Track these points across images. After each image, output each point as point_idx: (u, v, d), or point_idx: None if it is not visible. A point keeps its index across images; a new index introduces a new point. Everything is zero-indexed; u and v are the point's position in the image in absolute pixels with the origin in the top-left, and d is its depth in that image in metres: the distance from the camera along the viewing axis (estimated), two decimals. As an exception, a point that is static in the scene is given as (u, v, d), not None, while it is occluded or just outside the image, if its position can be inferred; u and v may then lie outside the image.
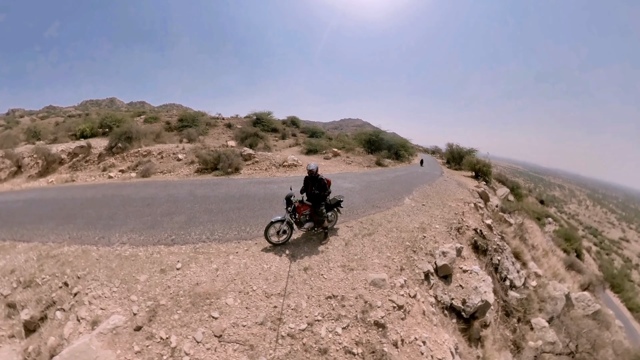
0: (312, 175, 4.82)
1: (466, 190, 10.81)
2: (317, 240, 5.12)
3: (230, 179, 10.21)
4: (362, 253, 4.77)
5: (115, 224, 5.74)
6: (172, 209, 6.60)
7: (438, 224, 6.44)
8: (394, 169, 16.81)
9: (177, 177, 10.49)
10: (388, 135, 22.99)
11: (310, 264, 4.36)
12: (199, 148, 13.38)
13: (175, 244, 4.87)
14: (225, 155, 11.42)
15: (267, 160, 12.65)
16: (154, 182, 9.65)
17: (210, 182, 9.54)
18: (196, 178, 10.38)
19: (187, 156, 12.48)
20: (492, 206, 10.94)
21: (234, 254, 4.58)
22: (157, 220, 5.91)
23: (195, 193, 8.06)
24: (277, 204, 7.11)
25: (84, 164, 12.92)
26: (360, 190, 9.10)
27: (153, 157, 12.46)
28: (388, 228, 5.85)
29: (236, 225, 5.67)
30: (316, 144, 19.29)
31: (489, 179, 17.31)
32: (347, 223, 6.02)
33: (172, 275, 3.97)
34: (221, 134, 23.85)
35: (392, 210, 7.16)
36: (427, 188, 10.46)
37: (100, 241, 4.99)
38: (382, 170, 15.47)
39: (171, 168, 11.48)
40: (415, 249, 5.15)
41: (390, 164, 18.44)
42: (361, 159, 17.46)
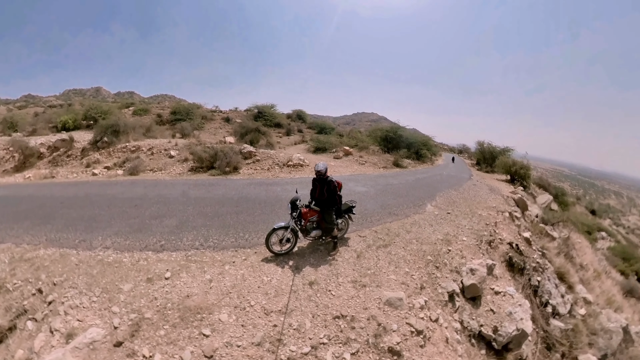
0: (320, 177, 4.81)
1: (500, 197, 10.60)
2: (325, 251, 5.10)
3: (228, 179, 10.31)
4: (376, 267, 4.73)
5: (98, 226, 5.86)
6: (163, 211, 6.70)
7: (466, 235, 6.34)
8: (414, 170, 16.68)
9: (169, 176, 10.69)
10: (407, 132, 22.85)
11: (317, 277, 4.34)
12: (193, 144, 13.63)
13: (165, 250, 4.94)
14: (222, 153, 11.57)
15: (269, 159, 12.74)
16: (143, 180, 9.86)
17: (205, 182, 9.67)
18: (190, 177, 10.55)
19: (180, 153, 12.72)
20: (531, 216, 10.64)
21: (230, 263, 4.60)
22: (145, 223, 6.01)
23: (188, 194, 8.18)
24: (280, 208, 7.12)
25: (65, 159, 13.35)
26: (375, 194, 9.07)
27: (142, 153, 12.76)
28: (407, 239, 5.79)
29: (233, 232, 5.70)
30: (325, 141, 19.33)
31: (527, 184, 16.78)
32: (359, 232, 5.98)
33: (159, 286, 4.01)
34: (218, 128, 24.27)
35: (412, 218, 7.10)
36: (453, 193, 10.34)
37: (80, 245, 5.11)
38: (401, 172, 15.36)
39: (162, 166, 11.72)
40: (438, 264, 5.07)
41: (410, 164, 18.30)
42: (376, 158, 17.36)
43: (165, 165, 11.81)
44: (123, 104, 29.49)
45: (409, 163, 18.35)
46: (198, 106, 27.49)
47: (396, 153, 18.84)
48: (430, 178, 14.01)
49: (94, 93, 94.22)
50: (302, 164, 12.52)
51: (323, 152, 18.28)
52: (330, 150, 18.50)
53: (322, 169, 4.76)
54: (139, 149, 13.14)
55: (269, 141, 17.77)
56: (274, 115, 27.23)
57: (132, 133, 14.93)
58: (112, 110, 20.42)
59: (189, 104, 27.56)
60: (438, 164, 23.09)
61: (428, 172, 16.44)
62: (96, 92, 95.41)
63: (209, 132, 22.38)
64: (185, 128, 18.50)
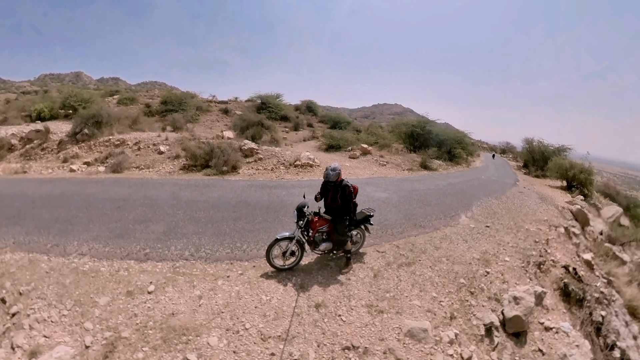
0: (332, 180, 4.78)
1: (553, 208, 10.32)
2: (336, 268, 5.07)
3: (225, 180, 10.45)
4: (396, 290, 4.67)
5: (74, 229, 6.03)
6: (149, 215, 6.84)
7: (508, 255, 6.19)
8: (445, 173, 16.46)
9: (158, 175, 10.95)
10: (438, 127, 22.64)
11: (325, 299, 4.31)
12: (186, 139, 13.93)
13: (149, 259, 5.03)
14: (219, 150, 11.76)
15: (273, 157, 12.84)
16: (128, 179, 10.14)
17: (199, 183, 9.84)
18: (181, 177, 10.77)
19: (171, 148, 13.02)
20: (593, 233, 10.23)
21: (224, 278, 4.63)
22: (128, 227, 6.15)
23: (179, 196, 8.34)
24: (284, 215, 7.14)
25: (39, 152, 13.90)
26: (398, 202, 9.02)
27: (128, 148, 13.14)
28: (435, 257, 5.71)
29: (229, 241, 5.75)
30: (339, 137, 19.34)
31: (588, 192, 16.11)
32: (378, 247, 5.93)
33: (141, 300, 4.07)
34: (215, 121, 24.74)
35: (442, 232, 7.00)
36: (493, 202, 10.20)
37: (53, 250, 5.25)
38: (429, 175, 15.20)
39: (150, 163, 12.02)
40: (473, 289, 4.95)
41: (441, 166, 18.10)
42: (400, 159, 17.21)
43: (153, 162, 12.11)
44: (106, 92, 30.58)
45: (439, 165, 18.13)
46: (192, 95, 28.16)
47: (424, 152, 18.70)
48: (466, 183, 13.80)
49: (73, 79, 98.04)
50: (311, 164, 12.54)
51: (337, 151, 18.27)
52: (346, 148, 18.48)
53: (336, 170, 4.73)
54: (123, 143, 13.54)
55: (274, 137, 17.92)
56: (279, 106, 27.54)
57: (117, 125, 15.42)
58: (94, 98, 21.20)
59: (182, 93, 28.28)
60: (475, 166, 22.66)
61: (463, 176, 16.17)
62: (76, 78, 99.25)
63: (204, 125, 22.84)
64: (177, 120, 18.94)
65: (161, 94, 28.91)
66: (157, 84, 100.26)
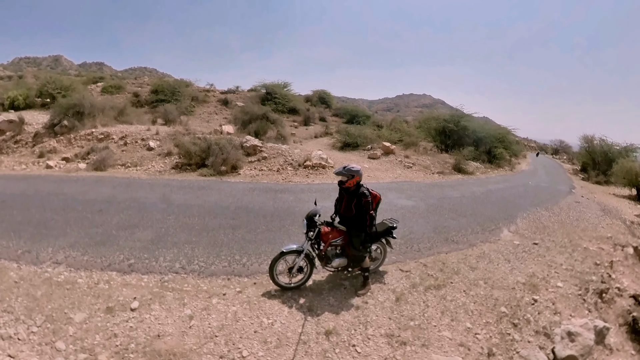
0: (348, 186, 4.76)
1: (619, 222, 10.12)
2: (351, 289, 5.04)
3: (224, 182, 10.57)
4: (422, 317, 4.60)
5: (49, 234, 6.17)
6: (135, 220, 6.97)
7: (561, 280, 6.05)
8: (484, 178, 16.28)
9: (146, 174, 11.16)
10: (476, 123, 22.40)
11: (337, 325, 4.28)
12: (179, 133, 14.19)
13: (134, 271, 5.10)
14: (218, 146, 11.92)
15: (280, 156, 12.92)
16: (112, 178, 10.37)
17: (193, 185, 9.99)
18: (173, 177, 10.95)
19: (162, 144, 13.28)
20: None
21: (219, 296, 4.66)
22: (110, 234, 6.27)
23: (170, 199, 8.48)
24: (291, 224, 7.16)
25: (12, 145, 14.34)
26: (426, 211, 8.98)
27: (112, 143, 13.48)
28: (470, 279, 5.64)
29: (227, 253, 5.80)
30: (357, 134, 19.34)
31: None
32: (401, 264, 5.89)
33: (122, 319, 4.11)
34: (213, 114, 25.12)
35: (479, 249, 6.93)
36: (543, 214, 10.07)
37: (23, 257, 5.36)
38: (464, 179, 15.06)
39: (138, 160, 12.27)
40: (516, 320, 4.83)
41: (479, 169, 17.92)
42: (429, 160, 17.06)
43: (142, 159, 12.36)
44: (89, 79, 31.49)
45: (476, 167, 17.94)
46: (187, 84, 28.74)
47: (458, 152, 18.53)
48: (509, 190, 13.65)
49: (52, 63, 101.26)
50: (324, 164, 12.55)
51: (354, 149, 18.26)
52: (364, 146, 18.44)
53: (343, 172, 4.72)
54: (108, 137, 13.88)
55: (281, 133, 18.05)
56: (287, 97, 27.77)
57: (101, 116, 15.81)
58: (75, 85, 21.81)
59: (175, 81, 28.90)
60: (521, 170, 22.30)
61: (505, 181, 15.97)
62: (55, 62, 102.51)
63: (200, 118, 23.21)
64: (169, 112, 19.35)
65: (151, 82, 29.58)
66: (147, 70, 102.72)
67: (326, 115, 29.77)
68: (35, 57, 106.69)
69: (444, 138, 21.18)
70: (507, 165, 21.52)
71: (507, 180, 16.49)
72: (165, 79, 34.01)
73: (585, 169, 23.34)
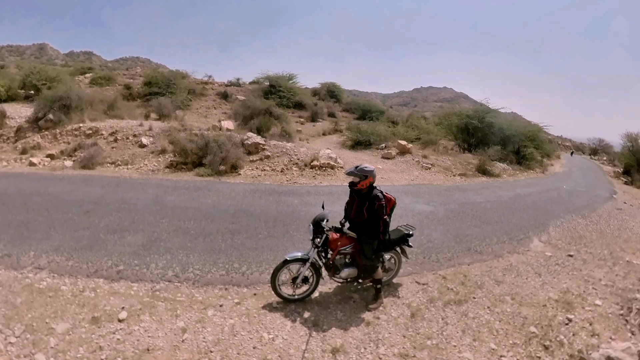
0: (360, 188, 4.75)
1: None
2: (361, 302, 5.03)
3: (223, 183, 10.64)
4: (441, 336, 4.55)
5: (31, 236, 6.26)
6: (125, 223, 7.05)
7: (600, 297, 5.92)
8: (511, 181, 16.15)
9: (138, 173, 11.30)
10: (503, 119, 22.24)
11: (345, 343, 4.26)
12: (175, 129, 14.34)
13: (123, 279, 5.15)
14: (216, 144, 12.04)
15: (284, 155, 12.97)
16: (101, 177, 10.51)
17: (189, 185, 10.08)
18: (167, 177, 11.06)
19: (156, 141, 13.43)
20: None
21: (215, 307, 4.67)
22: (98, 237, 6.35)
23: (164, 201, 8.56)
24: (296, 230, 7.17)
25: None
26: (446, 218, 8.96)
27: (102, 139, 13.67)
28: (496, 295, 5.58)
29: (225, 260, 5.83)
30: (370, 131, 19.38)
31: None
32: (417, 276, 5.87)
33: (109, 330, 4.13)
34: (212, 108, 25.37)
35: (506, 260, 6.88)
36: (579, 222, 9.99)
37: (3, 261, 5.43)
38: (489, 182, 14.98)
39: (129, 158, 12.43)
40: (548, 342, 4.73)
41: (506, 171, 17.83)
42: (450, 160, 16.98)
43: (133, 157, 12.52)
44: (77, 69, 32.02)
45: (503, 169, 17.85)
46: (183, 75, 29.07)
47: (482, 152, 18.51)
48: (540, 194, 13.55)
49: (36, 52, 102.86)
50: (333, 164, 12.56)
51: (366, 148, 18.27)
52: (378, 145, 18.44)
53: (355, 172, 4.69)
54: (97, 132, 14.09)
55: (285, 129, 18.14)
56: (293, 90, 27.93)
57: (89, 110, 16.07)
58: (62, 76, 22.20)
59: (170, 72, 29.24)
60: (554, 172, 22.07)
61: (536, 185, 15.85)
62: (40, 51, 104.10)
63: (197, 113, 23.45)
64: (163, 106, 19.58)
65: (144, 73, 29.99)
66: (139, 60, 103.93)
67: (335, 110, 29.85)
68: (18, 46, 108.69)
69: (467, 136, 21.08)
70: (538, 166, 21.35)
71: (538, 184, 16.34)
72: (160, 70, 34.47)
73: (629, 172, 23.02)
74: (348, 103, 33.81)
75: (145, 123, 15.33)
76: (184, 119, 18.48)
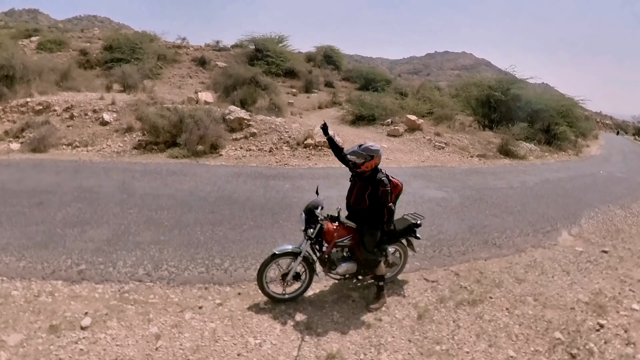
0: (361, 170, 4.74)
1: None
2: (361, 302, 5.07)
3: (201, 165, 10.62)
4: (452, 341, 4.60)
5: (-27, 235, 6.21)
6: (86, 215, 7.04)
7: (638, 300, 5.91)
8: (539, 164, 16.17)
9: (100, 156, 11.23)
10: (531, 92, 22.09)
11: (342, 348, 4.30)
12: (142, 103, 14.20)
13: (86, 280, 5.14)
14: (193, 120, 11.96)
15: (273, 132, 12.93)
16: (55, 162, 10.40)
17: (161, 169, 10.04)
18: (136, 160, 11.01)
19: (121, 118, 13.32)
20: None
21: (194, 309, 4.70)
22: (54, 233, 6.33)
23: (132, 188, 8.56)
24: (287, 220, 7.20)
25: None
26: (461, 205, 8.98)
27: (55, 117, 13.48)
28: (516, 295, 5.62)
29: (204, 255, 5.87)
30: (374, 104, 19.26)
31: None
32: (426, 273, 5.92)
33: (70, 340, 4.10)
34: (186, 77, 25.09)
35: (529, 255, 6.92)
36: (616, 214, 9.99)
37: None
38: (513, 165, 14.98)
39: (89, 138, 12.33)
40: (575, 350, 4.73)
41: (533, 152, 17.80)
42: (467, 139, 16.98)
43: (94, 137, 12.41)
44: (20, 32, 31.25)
45: (529, 150, 17.83)
46: (151, 38, 28.59)
47: (506, 130, 18.41)
48: (572, 180, 13.55)
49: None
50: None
51: (369, 124, 18.21)
52: (383, 120, 18.37)
53: (357, 152, 4.64)
54: (48, 108, 13.88)
55: (274, 102, 18.04)
56: (283, 55, 27.64)
57: (38, 81, 15.80)
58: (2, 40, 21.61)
59: (135, 34, 28.75)
60: (590, 154, 22.08)
61: (568, 169, 15.86)
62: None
63: (170, 83, 23.19)
64: (128, 75, 19.33)
65: (103, 36, 29.44)
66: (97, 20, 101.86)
67: (334, 79, 29.64)
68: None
69: (488, 111, 20.98)
70: (572, 148, 21.33)
71: (571, 168, 16.34)
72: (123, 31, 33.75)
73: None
74: (349, 71, 33.49)
75: (107, 96, 15.17)
76: (153, 90, 18.27)
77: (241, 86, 17.99)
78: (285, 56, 27.82)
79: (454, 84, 31.15)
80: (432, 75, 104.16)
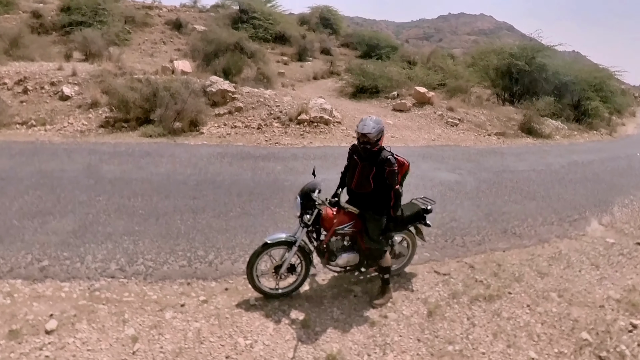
0: (366, 148, 4.72)
1: None
2: (364, 297, 5.12)
3: (180, 145, 10.61)
4: (466, 341, 4.65)
5: None
6: (47, 204, 7.01)
7: None
8: (567, 144, 16.25)
9: (61, 136, 11.15)
10: (559, 61, 21.99)
11: (343, 349, 4.35)
12: (109, 74, 14.05)
13: (49, 277, 5.13)
14: (168, 93, 11.87)
15: (262, 106, 12.90)
16: (8, 144, 10.27)
17: (134, 150, 10.01)
18: (103, 139, 10.94)
19: (84, 91, 13.19)
20: None
21: (175, 308, 4.73)
22: (10, 225, 6.29)
23: (99, 172, 8.53)
24: (279, 205, 7.25)
25: None
26: (477, 190, 9.04)
27: (5, 91, 13.27)
28: (538, 290, 5.67)
29: (186, 247, 5.90)
30: (377, 74, 19.18)
31: None
32: (437, 264, 5.97)
33: (34, 346, 4.08)
34: (160, 43, 24.82)
35: (553, 247, 6.97)
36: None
37: None
38: (536, 145, 15.05)
39: (47, 116, 12.19)
40: (604, 352, 4.75)
41: (559, 131, 17.85)
42: (484, 115, 16.99)
43: (52, 114, 12.27)
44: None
45: (556, 128, 17.87)
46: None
47: (529, 105, 18.35)
48: (604, 163, 13.55)
49: None
50: (327, 119, 12.54)
51: (372, 97, 18.18)
52: (387, 93, 18.34)
53: (371, 125, 4.66)
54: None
55: (263, 72, 17.95)
56: (272, 17, 27.34)
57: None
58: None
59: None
60: (625, 133, 22.09)
61: (600, 150, 15.87)
62: None
63: (140, 50, 22.93)
64: (91, 41, 19.01)
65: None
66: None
67: (331, 45, 29.43)
68: None
69: (509, 82, 20.89)
70: (605, 126, 21.38)
71: (603, 149, 16.36)
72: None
73: None
74: (348, 35, 33.22)
75: (67, 66, 14.96)
76: (121, 59, 17.98)
77: (224, 53, 17.84)
78: (275, 18, 27.56)
79: (470, 51, 31.04)
80: (445, 41, 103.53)
